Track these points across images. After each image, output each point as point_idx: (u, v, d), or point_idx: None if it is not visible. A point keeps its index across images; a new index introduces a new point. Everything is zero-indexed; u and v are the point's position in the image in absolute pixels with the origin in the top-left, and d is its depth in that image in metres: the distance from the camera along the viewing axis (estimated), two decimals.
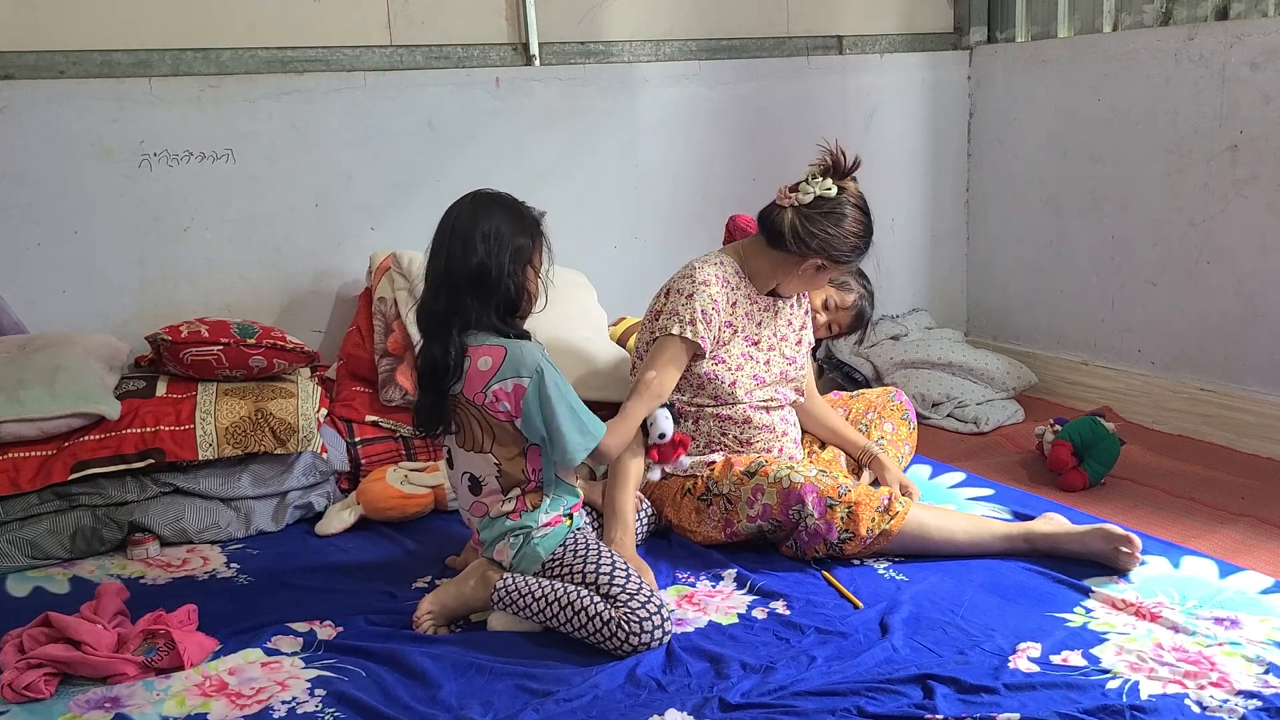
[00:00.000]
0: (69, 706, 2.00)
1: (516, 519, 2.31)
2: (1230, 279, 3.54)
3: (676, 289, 2.65)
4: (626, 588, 2.19)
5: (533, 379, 2.24)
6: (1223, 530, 2.83)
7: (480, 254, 2.24)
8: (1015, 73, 4.19)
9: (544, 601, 2.19)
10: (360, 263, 3.48)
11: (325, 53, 3.41)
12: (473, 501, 2.36)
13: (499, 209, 2.31)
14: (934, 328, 4.35)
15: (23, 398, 2.67)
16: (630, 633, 2.12)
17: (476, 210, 2.30)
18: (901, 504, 2.51)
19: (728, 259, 2.72)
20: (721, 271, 2.67)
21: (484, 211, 2.29)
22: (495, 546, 2.33)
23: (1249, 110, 3.41)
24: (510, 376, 2.25)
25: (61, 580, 2.56)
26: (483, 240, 2.24)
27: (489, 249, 2.24)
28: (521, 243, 2.29)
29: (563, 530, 2.32)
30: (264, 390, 2.94)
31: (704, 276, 2.64)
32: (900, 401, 3.01)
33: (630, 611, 2.14)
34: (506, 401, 2.25)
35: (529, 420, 2.26)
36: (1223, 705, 1.88)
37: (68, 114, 3.11)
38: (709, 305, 2.61)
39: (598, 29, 3.75)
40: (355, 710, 1.96)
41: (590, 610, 2.15)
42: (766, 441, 2.73)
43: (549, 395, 2.24)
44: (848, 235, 2.59)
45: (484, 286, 2.25)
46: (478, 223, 2.27)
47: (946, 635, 2.16)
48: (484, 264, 2.24)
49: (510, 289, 2.27)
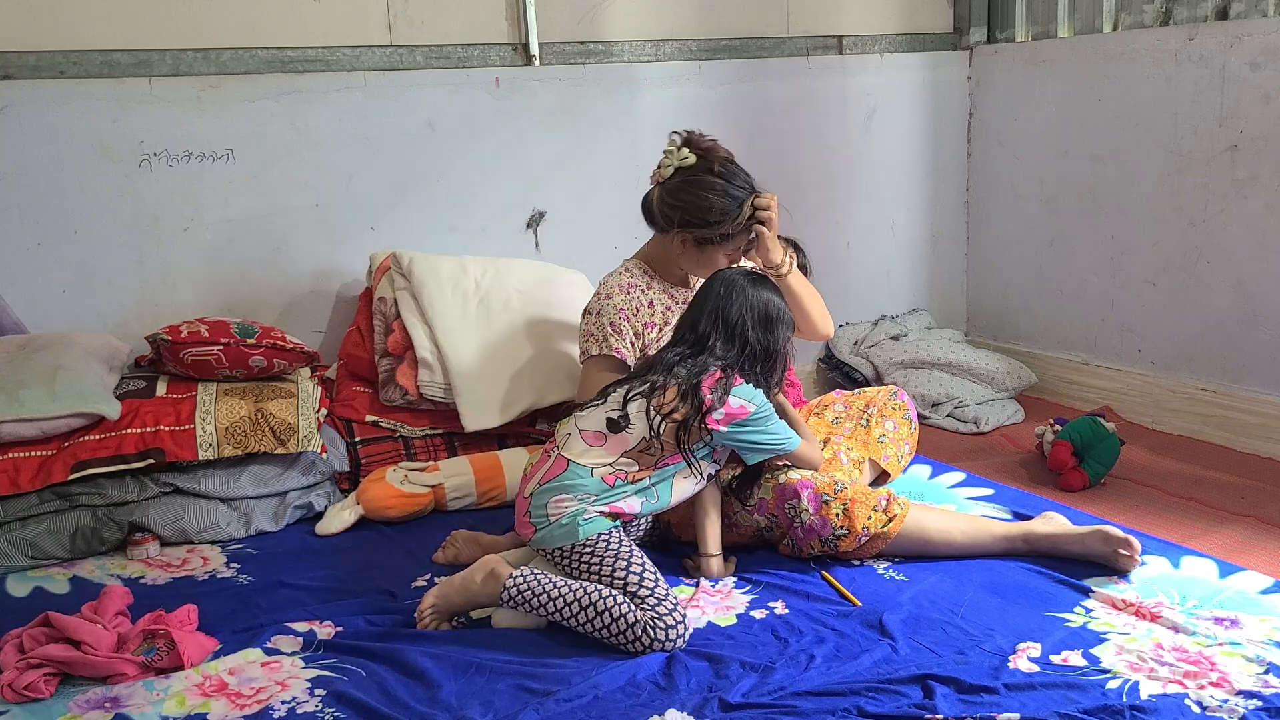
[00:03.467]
0: (69, 706, 2.00)
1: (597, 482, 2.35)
2: (1230, 279, 3.54)
3: (588, 309, 2.76)
4: (655, 591, 2.21)
5: (759, 407, 2.42)
6: (1223, 530, 2.83)
7: (764, 338, 2.49)
8: (1015, 73, 4.20)
9: (560, 600, 2.19)
10: (360, 263, 3.48)
11: (325, 53, 3.41)
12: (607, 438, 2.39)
13: (768, 291, 2.53)
14: (934, 328, 4.35)
15: (23, 398, 2.67)
16: (654, 637, 2.14)
17: (752, 293, 2.51)
18: (900, 505, 2.51)
19: (633, 264, 2.81)
20: (624, 279, 2.77)
21: (759, 295, 2.51)
22: (554, 496, 2.34)
23: (1249, 110, 3.41)
24: (738, 398, 2.40)
25: (61, 580, 2.56)
26: (764, 325, 2.49)
27: (769, 330, 2.50)
28: (790, 317, 2.55)
29: (607, 523, 2.33)
30: (264, 390, 2.94)
31: (606, 291, 2.75)
32: (902, 400, 3.01)
33: (658, 616, 2.16)
34: (722, 411, 2.37)
35: (736, 431, 2.41)
36: (1223, 705, 1.88)
37: (68, 114, 3.11)
38: (615, 317, 2.71)
39: (598, 29, 3.76)
40: (355, 710, 1.96)
41: (615, 610, 2.16)
42: None
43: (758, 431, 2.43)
44: (706, 200, 2.60)
45: (769, 362, 2.51)
46: (764, 304, 2.51)
47: (946, 635, 2.16)
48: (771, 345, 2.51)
49: (781, 361, 2.55)
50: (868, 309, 4.34)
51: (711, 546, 2.50)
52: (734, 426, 2.41)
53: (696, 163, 2.62)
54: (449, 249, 3.52)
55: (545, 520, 2.33)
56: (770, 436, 2.46)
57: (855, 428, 2.92)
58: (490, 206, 3.63)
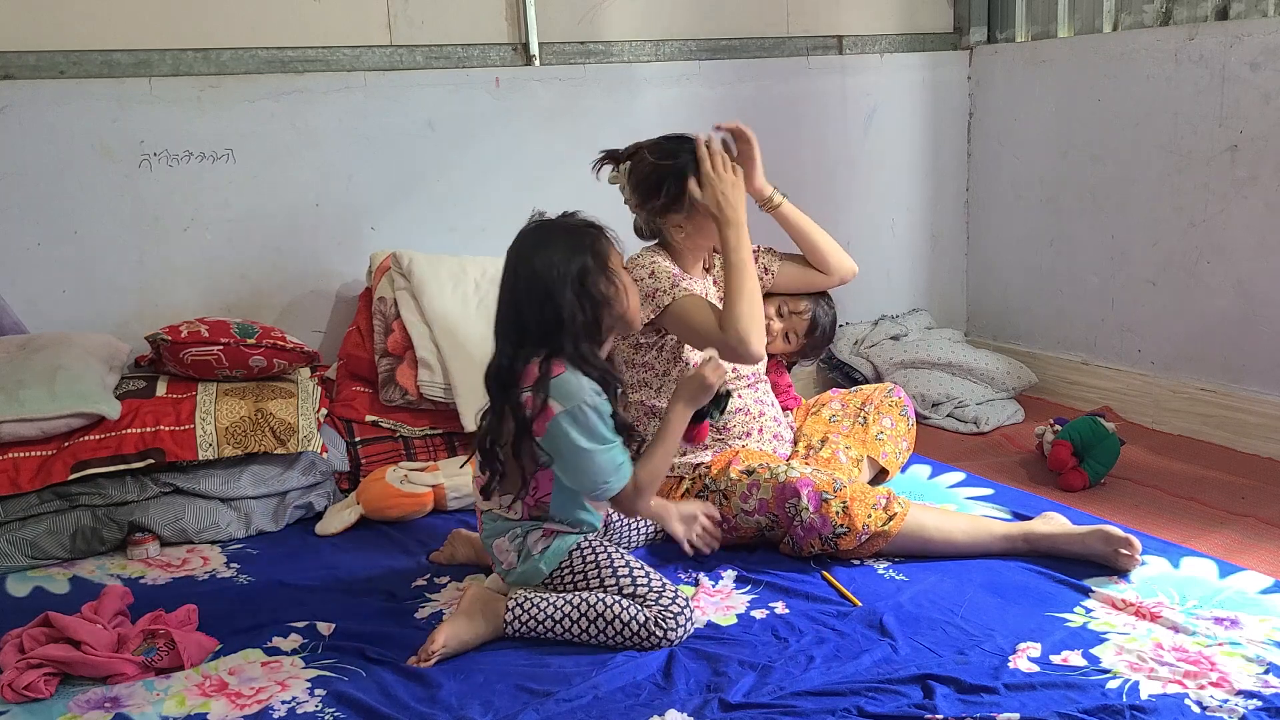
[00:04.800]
0: (69, 706, 2.00)
1: (520, 519, 2.29)
2: (1230, 279, 3.54)
3: (634, 279, 2.63)
4: (652, 585, 2.21)
5: (568, 408, 2.14)
6: (1223, 530, 2.83)
7: (545, 304, 2.14)
8: (1015, 73, 4.19)
9: (564, 618, 2.17)
10: (360, 263, 3.48)
11: (325, 53, 3.41)
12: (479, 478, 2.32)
13: (548, 242, 2.20)
14: (934, 328, 4.35)
15: (23, 398, 2.67)
16: (667, 629, 2.14)
17: (525, 254, 2.20)
18: (900, 504, 2.51)
19: (652, 247, 2.76)
20: (655, 253, 2.71)
21: (534, 250, 2.19)
22: (495, 541, 2.31)
23: (1249, 110, 3.41)
24: (544, 393, 2.15)
25: (61, 580, 2.56)
26: (540, 286, 2.15)
27: (551, 293, 2.14)
28: (579, 263, 2.17)
29: (563, 544, 2.28)
30: (264, 390, 2.94)
31: (649, 259, 2.68)
32: (898, 397, 3.01)
33: (663, 609, 2.16)
34: (530, 409, 2.16)
35: (551, 441, 2.16)
36: (1223, 705, 1.88)
37: (68, 114, 3.11)
38: (671, 270, 2.64)
39: (597, 29, 3.76)
40: (355, 710, 1.96)
41: (623, 616, 2.15)
42: (745, 424, 2.73)
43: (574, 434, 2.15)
44: (652, 177, 2.62)
45: (560, 329, 2.15)
46: (532, 269, 2.17)
47: (946, 635, 2.16)
48: (556, 311, 2.14)
49: (580, 319, 2.16)
50: (868, 309, 4.34)
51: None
52: (549, 436, 2.15)
53: (632, 163, 2.65)
54: (449, 249, 3.52)
55: (503, 568, 2.31)
56: (572, 455, 2.14)
57: (853, 425, 2.92)
58: (490, 206, 3.63)
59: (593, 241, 2.22)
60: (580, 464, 2.17)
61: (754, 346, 2.49)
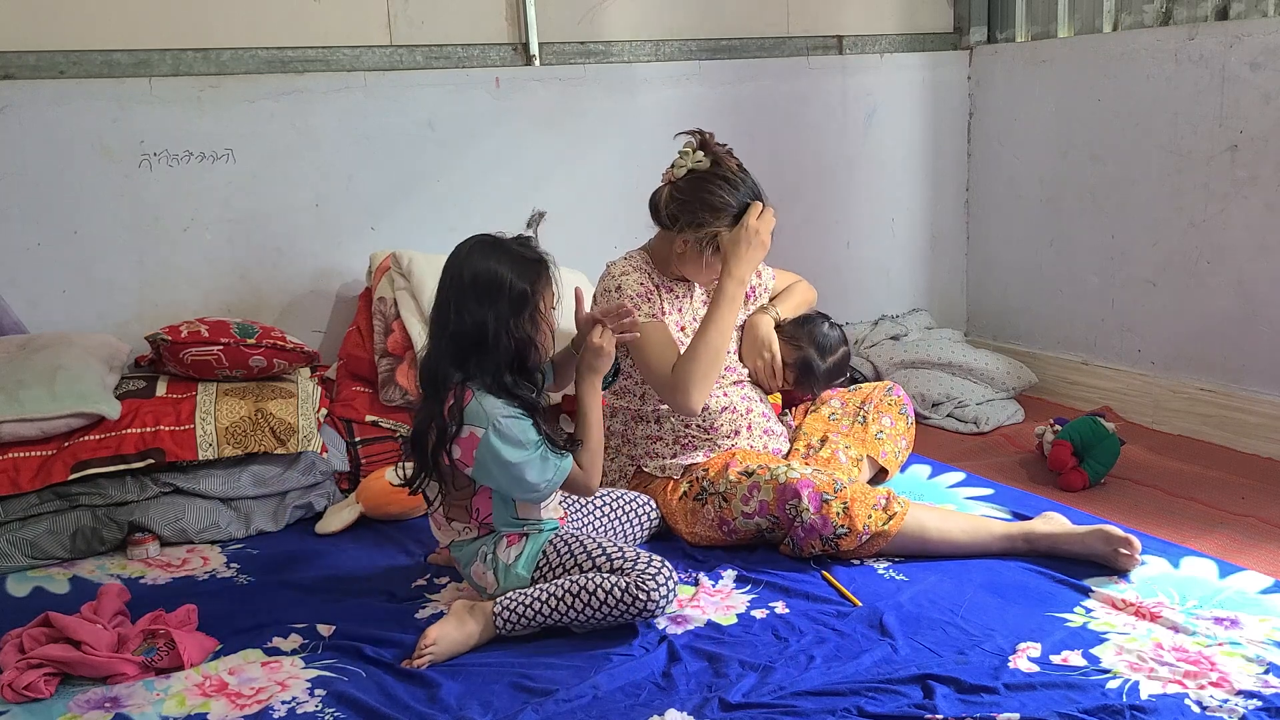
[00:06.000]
0: (69, 706, 2.00)
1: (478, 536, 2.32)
2: (1230, 279, 3.54)
3: (604, 289, 2.71)
4: (627, 556, 2.22)
5: (486, 430, 2.18)
6: (1223, 530, 2.83)
7: (474, 312, 2.18)
8: (1015, 73, 4.19)
9: (552, 601, 2.18)
10: (360, 263, 3.48)
11: (325, 53, 3.41)
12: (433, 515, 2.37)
13: (496, 256, 2.22)
14: (934, 328, 4.36)
15: (23, 398, 2.67)
16: (647, 592, 2.15)
17: (472, 260, 2.23)
18: (900, 504, 2.51)
19: (635, 253, 2.79)
20: (631, 264, 2.74)
21: (480, 262, 2.22)
22: (471, 568, 2.33)
23: (1249, 110, 3.41)
24: (458, 422, 2.19)
25: (61, 580, 2.56)
26: (477, 295, 2.18)
27: (484, 304, 2.18)
28: (520, 289, 2.20)
29: (535, 543, 2.31)
30: (264, 390, 2.94)
31: (621, 270, 2.72)
32: (897, 396, 3.01)
33: (640, 573, 2.18)
34: (459, 447, 2.21)
35: (482, 469, 2.22)
36: (1223, 705, 1.88)
37: (68, 114, 3.11)
38: (638, 289, 2.67)
39: (597, 29, 3.76)
40: (355, 710, 1.96)
41: (604, 587, 2.16)
42: (732, 423, 2.74)
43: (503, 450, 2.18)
44: (709, 202, 2.61)
45: (482, 346, 2.19)
46: (475, 275, 2.20)
47: (946, 635, 2.16)
48: (480, 323, 2.18)
49: (510, 345, 2.20)
50: (868, 309, 4.34)
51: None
52: (478, 465, 2.21)
53: (709, 167, 2.63)
54: (449, 249, 3.48)
55: (488, 592, 2.32)
56: (504, 471, 2.19)
57: (852, 425, 2.92)
58: (490, 206, 3.63)
59: (535, 270, 2.24)
60: (515, 476, 2.22)
61: (693, 401, 2.58)
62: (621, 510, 2.60)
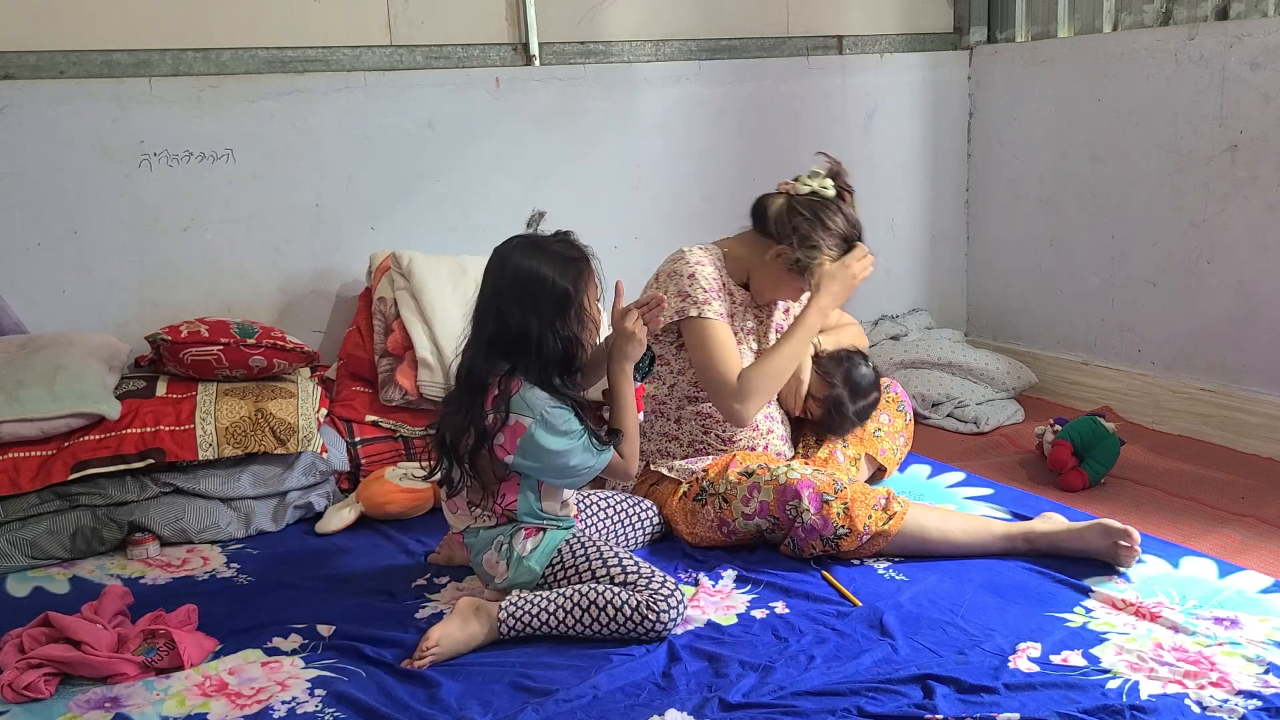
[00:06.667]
0: (69, 706, 2.00)
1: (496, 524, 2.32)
2: (1230, 279, 3.54)
3: (675, 271, 2.67)
4: (642, 572, 2.22)
5: (533, 421, 2.21)
6: (1223, 530, 2.83)
7: (518, 316, 2.19)
8: (1015, 73, 4.19)
9: (559, 611, 2.18)
10: (360, 263, 3.48)
11: (325, 53, 3.41)
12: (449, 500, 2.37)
13: (537, 257, 2.23)
14: (934, 328, 4.36)
15: (23, 398, 2.67)
16: (658, 613, 2.15)
17: (513, 262, 2.23)
18: (900, 504, 2.51)
19: (712, 247, 2.77)
20: (709, 256, 2.72)
21: (521, 263, 2.22)
22: (484, 556, 2.33)
23: (1249, 110, 3.41)
24: (504, 410, 2.21)
25: (61, 580, 2.56)
26: (519, 298, 2.19)
27: (526, 307, 2.19)
28: (563, 289, 2.21)
29: (552, 539, 2.31)
30: (264, 390, 2.94)
31: (696, 259, 2.69)
32: (896, 393, 3.01)
33: (654, 593, 2.17)
34: (503, 435, 2.23)
35: (524, 456, 2.23)
36: (1223, 705, 1.88)
37: (68, 114, 3.11)
38: (710, 283, 2.66)
39: (598, 29, 3.76)
40: (355, 710, 1.96)
41: (615, 602, 2.16)
42: (750, 440, 2.74)
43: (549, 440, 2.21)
44: (827, 227, 2.62)
45: (527, 349, 2.20)
46: (516, 277, 2.21)
47: (946, 635, 2.16)
48: (524, 325, 2.19)
49: (557, 346, 2.21)
50: (868, 309, 4.34)
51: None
52: (521, 453, 2.23)
53: (835, 197, 2.66)
54: (449, 249, 3.52)
55: (496, 581, 2.32)
56: (549, 459, 2.22)
57: None
58: (490, 206, 3.63)
59: (577, 269, 2.25)
60: (560, 464, 2.25)
61: (748, 412, 2.61)
62: (624, 514, 2.60)
